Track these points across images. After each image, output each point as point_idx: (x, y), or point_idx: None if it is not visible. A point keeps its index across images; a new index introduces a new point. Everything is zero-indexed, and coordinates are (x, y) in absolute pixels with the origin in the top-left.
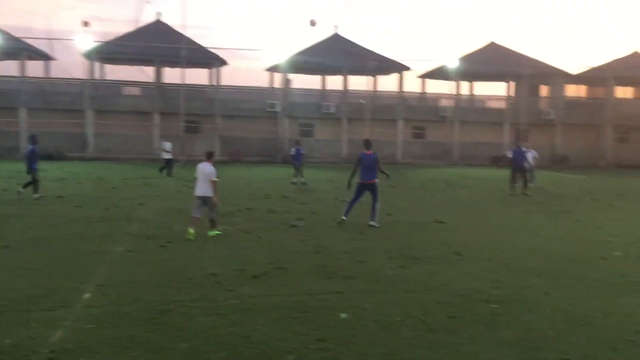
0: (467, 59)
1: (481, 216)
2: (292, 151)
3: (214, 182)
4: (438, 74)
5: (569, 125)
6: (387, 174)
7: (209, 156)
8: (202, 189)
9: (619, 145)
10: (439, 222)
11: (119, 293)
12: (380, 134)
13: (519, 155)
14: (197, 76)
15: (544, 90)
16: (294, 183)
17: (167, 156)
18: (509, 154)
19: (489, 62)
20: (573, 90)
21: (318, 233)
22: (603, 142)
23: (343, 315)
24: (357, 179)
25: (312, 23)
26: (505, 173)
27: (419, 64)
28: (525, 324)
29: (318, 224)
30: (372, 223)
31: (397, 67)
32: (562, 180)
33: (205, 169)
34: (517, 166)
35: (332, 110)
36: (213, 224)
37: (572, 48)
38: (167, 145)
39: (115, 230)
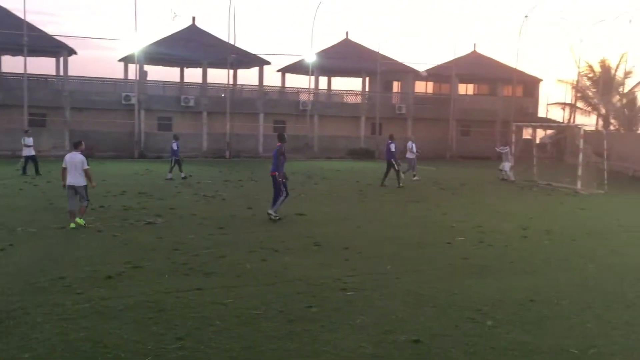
0: (324, 54)
1: (340, 207)
2: (174, 146)
3: (86, 171)
4: (297, 68)
5: (419, 120)
6: (285, 178)
7: (76, 146)
8: (73, 178)
9: (462, 138)
10: (299, 215)
11: None
12: (242, 127)
13: (396, 149)
14: (43, 65)
15: (396, 86)
16: (184, 178)
17: (29, 152)
18: (392, 147)
19: (345, 57)
20: (422, 87)
21: (177, 229)
22: (449, 135)
23: None
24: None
25: None
26: (364, 165)
27: (278, 58)
28: (379, 309)
29: (177, 219)
30: (270, 212)
31: (257, 61)
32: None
33: (74, 158)
34: (394, 158)
35: (192, 103)
36: (82, 213)
37: (420, 46)
38: (29, 140)
39: None
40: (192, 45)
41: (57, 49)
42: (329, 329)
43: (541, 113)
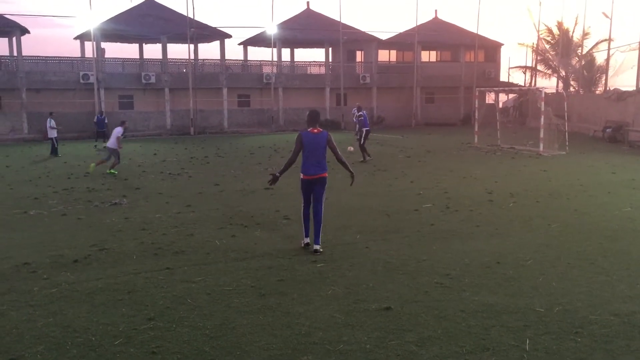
0: (285, 25)
1: None
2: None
3: (118, 138)
4: (259, 40)
5: (383, 89)
6: (351, 172)
7: (122, 123)
8: (111, 143)
9: (426, 106)
10: (267, 189)
11: None
12: (206, 103)
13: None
14: None
15: (359, 56)
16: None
17: (54, 134)
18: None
19: (307, 28)
20: (385, 55)
21: (143, 209)
22: (413, 103)
23: None
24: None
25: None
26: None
27: (239, 31)
28: (349, 279)
29: (143, 199)
30: (317, 247)
31: (218, 35)
32: (380, 140)
33: (115, 129)
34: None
35: (153, 80)
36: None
37: (382, 14)
38: (52, 122)
39: None
40: (150, 21)
41: (9, 28)
42: (301, 301)
43: (503, 77)
